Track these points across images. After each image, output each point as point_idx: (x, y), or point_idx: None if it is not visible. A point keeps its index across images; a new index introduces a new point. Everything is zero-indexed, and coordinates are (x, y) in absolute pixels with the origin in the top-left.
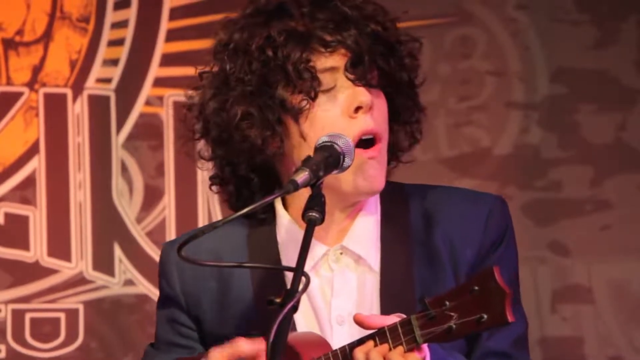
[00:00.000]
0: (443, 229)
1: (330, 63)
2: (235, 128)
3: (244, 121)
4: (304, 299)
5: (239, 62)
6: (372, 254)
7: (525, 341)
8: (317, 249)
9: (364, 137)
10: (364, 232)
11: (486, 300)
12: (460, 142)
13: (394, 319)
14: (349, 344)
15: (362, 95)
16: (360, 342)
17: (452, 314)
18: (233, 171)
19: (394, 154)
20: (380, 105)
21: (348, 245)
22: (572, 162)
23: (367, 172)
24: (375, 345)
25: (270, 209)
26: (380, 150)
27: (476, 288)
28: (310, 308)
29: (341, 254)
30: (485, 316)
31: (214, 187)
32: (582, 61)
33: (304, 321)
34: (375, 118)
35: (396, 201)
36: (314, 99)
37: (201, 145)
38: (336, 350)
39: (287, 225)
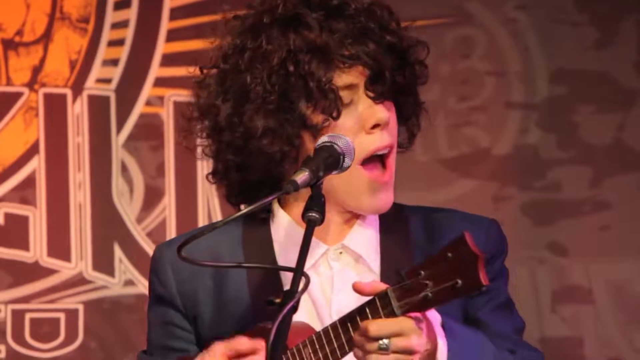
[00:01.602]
0: (444, 241)
1: (349, 80)
2: (254, 142)
3: (264, 136)
4: (304, 295)
5: (257, 74)
6: (372, 255)
7: (522, 333)
8: (317, 248)
9: (379, 153)
10: (365, 235)
11: (460, 266)
12: (459, 143)
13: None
14: (330, 324)
15: (381, 112)
16: (342, 321)
17: (427, 282)
18: (243, 177)
19: None
20: (393, 117)
21: (349, 244)
22: (571, 163)
23: (379, 197)
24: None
25: (269, 208)
26: (391, 171)
27: (450, 255)
28: (310, 303)
29: (341, 253)
30: (460, 281)
31: (211, 179)
32: (581, 62)
33: (305, 316)
34: (390, 132)
35: (396, 215)
36: (336, 118)
37: (202, 141)
38: (319, 331)
39: (287, 225)
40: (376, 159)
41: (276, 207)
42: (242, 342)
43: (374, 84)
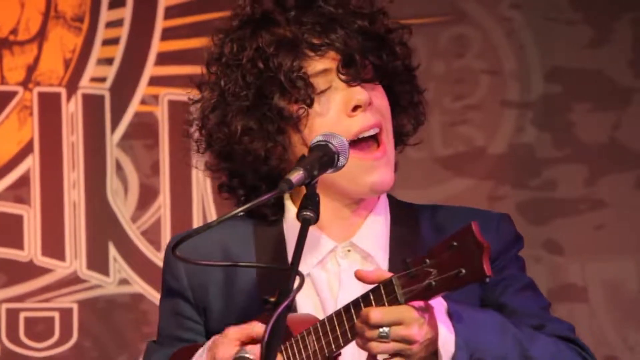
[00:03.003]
0: None
1: (321, 66)
2: (237, 143)
3: (245, 136)
4: (310, 291)
5: (232, 77)
6: (381, 254)
7: (549, 310)
8: (325, 244)
9: (366, 134)
10: (374, 232)
11: (464, 255)
12: (454, 141)
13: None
14: (334, 312)
15: (358, 94)
16: (346, 308)
17: (432, 270)
18: (241, 181)
19: (400, 139)
20: (378, 97)
21: (358, 242)
22: (566, 161)
23: (375, 174)
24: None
25: (280, 207)
26: (385, 148)
27: (455, 244)
28: (317, 299)
29: (349, 250)
30: (464, 271)
31: (224, 194)
32: (576, 60)
33: (311, 312)
34: (374, 112)
35: (406, 213)
36: (310, 105)
37: (207, 156)
38: (323, 319)
39: (296, 221)
40: (369, 140)
41: (288, 202)
42: (257, 328)
43: (345, 67)
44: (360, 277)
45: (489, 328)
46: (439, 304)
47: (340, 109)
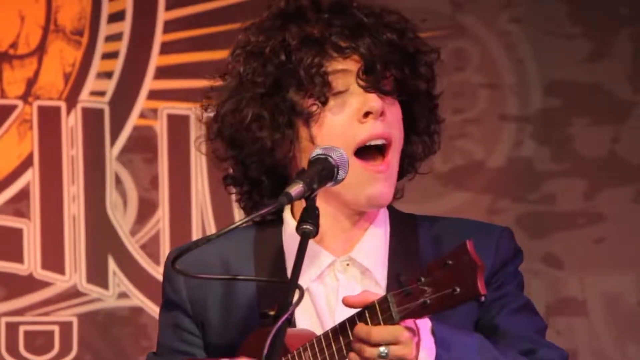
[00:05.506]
0: None
1: (342, 66)
2: (246, 129)
3: (254, 122)
4: (308, 305)
5: (253, 65)
6: (379, 269)
7: (544, 333)
8: (323, 258)
9: (373, 143)
10: (373, 247)
11: (459, 274)
12: (453, 155)
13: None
14: (330, 328)
15: (373, 101)
16: (342, 325)
17: (427, 288)
18: (244, 172)
19: (411, 164)
20: (393, 111)
21: (357, 257)
22: (565, 175)
23: (375, 187)
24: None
25: (279, 214)
26: (390, 162)
27: (450, 262)
28: (314, 313)
29: (348, 265)
30: (458, 289)
31: (228, 188)
32: (575, 74)
33: (308, 326)
34: (385, 124)
35: (406, 226)
36: (324, 103)
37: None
38: (319, 335)
39: (296, 234)
40: (375, 152)
41: (288, 215)
42: None
43: (365, 74)
44: (346, 303)
45: (470, 353)
46: (424, 323)
47: (352, 113)
